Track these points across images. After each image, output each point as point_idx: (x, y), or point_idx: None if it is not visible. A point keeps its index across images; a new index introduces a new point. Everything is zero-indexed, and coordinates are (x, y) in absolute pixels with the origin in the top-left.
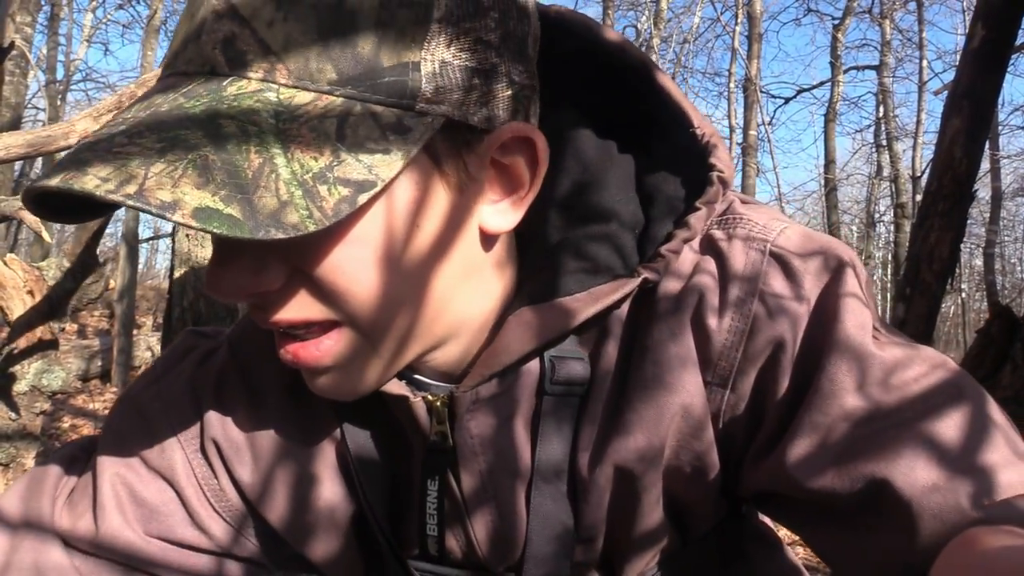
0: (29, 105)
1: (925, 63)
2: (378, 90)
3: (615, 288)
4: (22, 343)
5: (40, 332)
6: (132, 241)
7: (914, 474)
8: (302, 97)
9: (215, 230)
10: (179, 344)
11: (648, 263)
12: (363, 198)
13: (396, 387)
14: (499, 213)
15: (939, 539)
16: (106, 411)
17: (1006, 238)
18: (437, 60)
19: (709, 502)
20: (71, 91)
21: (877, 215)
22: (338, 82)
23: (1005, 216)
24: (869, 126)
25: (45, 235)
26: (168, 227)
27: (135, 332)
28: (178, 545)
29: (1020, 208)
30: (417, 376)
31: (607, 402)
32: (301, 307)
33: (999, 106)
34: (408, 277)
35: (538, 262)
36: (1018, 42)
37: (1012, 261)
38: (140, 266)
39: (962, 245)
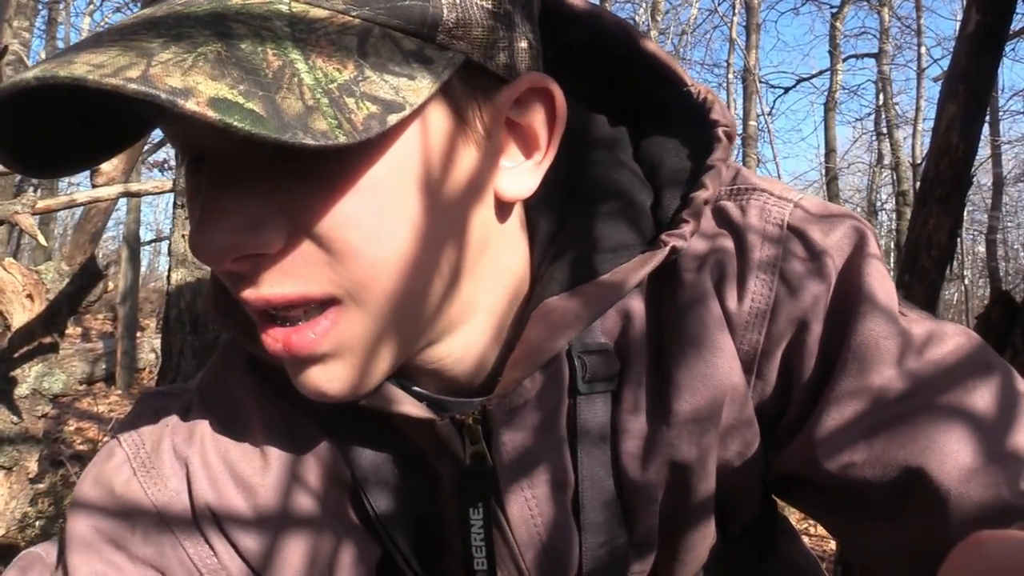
0: None
1: (924, 50)
2: (397, 14)
3: (642, 262)
4: (23, 347)
5: (40, 336)
6: (134, 243)
7: (950, 462)
8: (316, 13)
9: (236, 123)
10: (142, 410)
11: (671, 231)
12: (393, 119)
13: (416, 409)
14: (516, 178)
15: (976, 528)
16: (111, 414)
17: (1008, 224)
18: None
19: (753, 492)
20: None
21: (879, 203)
22: (354, 2)
23: (1007, 202)
24: (869, 114)
25: (40, 238)
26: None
27: (139, 335)
28: None
29: (1022, 194)
30: (429, 394)
31: (648, 391)
32: (299, 278)
33: (999, 92)
34: (423, 239)
35: (552, 249)
36: (1018, 27)
37: (1015, 247)
38: (143, 269)
39: (965, 232)
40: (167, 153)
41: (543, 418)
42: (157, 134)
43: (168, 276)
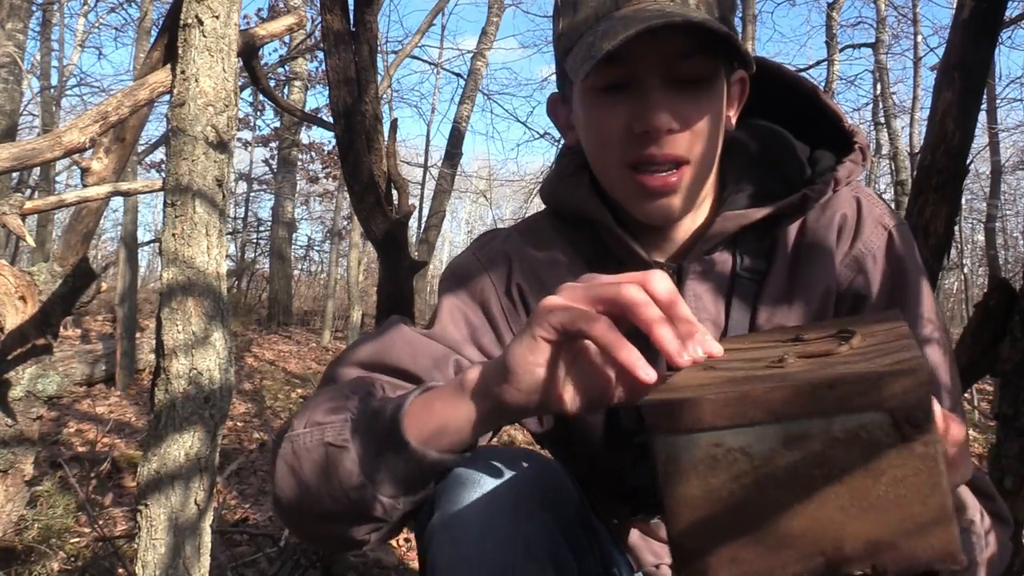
0: (25, 112)
1: (920, 39)
2: (730, 24)
3: (781, 204)
4: (16, 349)
5: (33, 337)
6: (132, 244)
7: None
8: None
9: (719, 28)
10: (481, 237)
11: (811, 187)
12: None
13: (648, 257)
14: (730, 117)
15: None
16: (112, 415)
17: (1007, 212)
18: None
19: None
20: (66, 96)
21: (877, 193)
22: (720, 18)
23: (1006, 190)
24: (867, 104)
25: (29, 239)
26: None
27: (138, 335)
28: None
29: (1020, 182)
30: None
31: (779, 287)
32: (677, 146)
33: (996, 79)
34: (717, 136)
35: (736, 187)
36: (1014, 14)
37: (1014, 235)
38: (142, 269)
39: (964, 221)
40: (163, 153)
41: (715, 283)
42: (153, 135)
43: (161, 275)
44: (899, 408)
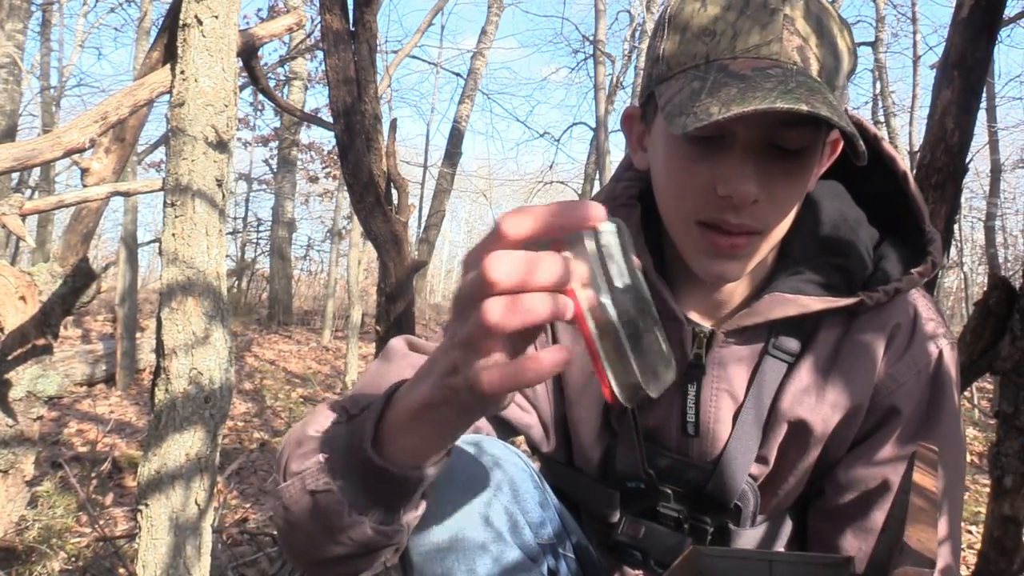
0: (24, 112)
1: (919, 37)
2: (844, 89)
3: (836, 301)
4: (16, 349)
5: (33, 338)
6: (132, 244)
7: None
8: (825, 83)
9: (838, 122)
10: None
11: (868, 293)
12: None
13: (683, 316)
14: (813, 178)
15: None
16: (112, 415)
17: (1007, 210)
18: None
19: (807, 481)
20: (66, 96)
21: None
22: (832, 77)
23: (1005, 188)
24: (866, 103)
25: (29, 239)
26: None
27: (139, 335)
28: None
29: (1020, 180)
30: (688, 316)
31: (812, 376)
32: (754, 217)
33: (995, 78)
34: (796, 208)
35: (793, 267)
36: (1013, 12)
37: (1014, 234)
38: (143, 269)
39: (963, 219)
40: (163, 153)
41: (743, 355)
42: (153, 135)
43: (161, 275)
44: None
